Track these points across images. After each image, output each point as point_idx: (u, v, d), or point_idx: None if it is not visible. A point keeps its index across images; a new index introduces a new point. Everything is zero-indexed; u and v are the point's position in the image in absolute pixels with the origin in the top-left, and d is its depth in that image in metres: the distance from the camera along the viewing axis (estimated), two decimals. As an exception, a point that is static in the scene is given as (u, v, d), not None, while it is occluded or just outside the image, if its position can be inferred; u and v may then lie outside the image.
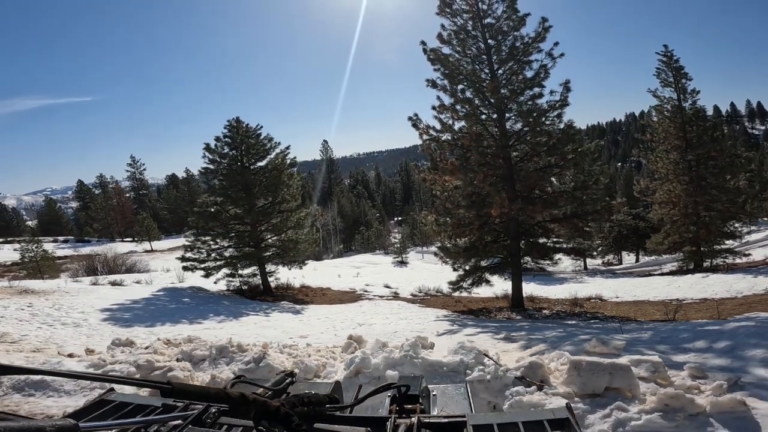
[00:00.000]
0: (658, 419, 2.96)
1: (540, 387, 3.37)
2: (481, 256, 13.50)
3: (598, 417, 3.07)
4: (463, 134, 13.16)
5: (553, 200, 12.56)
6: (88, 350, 6.07)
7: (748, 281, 15.81)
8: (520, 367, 3.61)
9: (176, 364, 4.13)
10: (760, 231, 35.21)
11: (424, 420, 1.17)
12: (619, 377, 3.25)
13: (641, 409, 3.06)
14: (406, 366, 3.85)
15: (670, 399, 3.02)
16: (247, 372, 3.93)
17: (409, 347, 4.08)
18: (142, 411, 1.22)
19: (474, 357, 3.88)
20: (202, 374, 4.19)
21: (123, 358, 4.95)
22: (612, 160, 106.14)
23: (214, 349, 4.79)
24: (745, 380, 3.80)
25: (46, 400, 4.65)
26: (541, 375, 3.57)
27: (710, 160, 22.72)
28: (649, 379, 3.41)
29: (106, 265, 29.17)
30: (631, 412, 3.03)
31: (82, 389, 4.78)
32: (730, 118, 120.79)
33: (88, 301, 13.21)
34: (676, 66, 23.87)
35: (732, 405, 3.02)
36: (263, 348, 4.62)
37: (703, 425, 3.00)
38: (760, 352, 4.82)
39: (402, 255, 37.27)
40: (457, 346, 4.11)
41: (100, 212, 63.13)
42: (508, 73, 13.57)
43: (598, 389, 3.25)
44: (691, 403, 3.04)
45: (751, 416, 2.94)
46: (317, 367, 4.13)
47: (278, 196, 18.56)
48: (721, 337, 5.36)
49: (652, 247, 25.62)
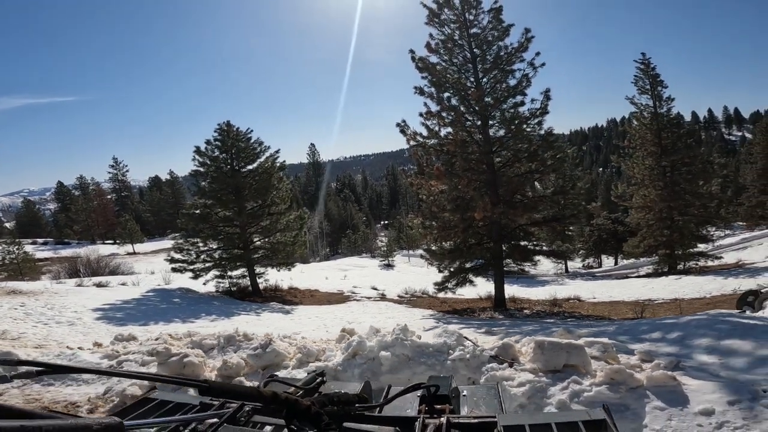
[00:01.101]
0: (605, 391, 3.53)
1: (511, 364, 3.93)
2: (465, 258, 14.05)
3: (558, 389, 3.65)
4: (449, 140, 13.67)
5: (533, 204, 13.18)
6: (96, 344, 6.41)
7: (718, 282, 16.65)
8: (494, 347, 4.17)
9: (190, 351, 4.52)
10: (734, 235, 36.50)
11: (454, 420, 1.17)
12: (574, 355, 3.84)
13: (592, 382, 3.63)
14: (397, 347, 4.34)
15: (614, 374, 3.59)
16: (255, 357, 4.37)
17: (399, 331, 4.58)
18: (182, 409, 1.27)
19: (456, 339, 4.42)
20: (212, 361, 4.60)
21: (135, 349, 5.30)
22: (594, 165, 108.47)
23: (222, 339, 5.22)
24: (685, 364, 4.39)
25: (66, 389, 4.88)
26: (512, 354, 4.13)
27: (684, 166, 23.69)
28: (600, 358, 3.99)
29: (89, 267, 28.89)
30: (584, 385, 3.62)
31: (99, 378, 5.10)
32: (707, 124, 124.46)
33: (78, 302, 13.35)
34: (653, 74, 24.87)
35: (664, 380, 3.59)
36: (267, 336, 5.06)
37: (641, 396, 3.56)
38: (705, 341, 5.44)
39: (389, 258, 37.76)
40: (441, 331, 4.66)
41: (81, 214, 62.00)
42: (492, 82, 14.16)
43: (558, 366, 3.83)
44: (631, 378, 3.59)
45: (681, 390, 3.55)
46: (318, 352, 4.60)
47: (268, 199, 18.88)
48: (675, 329, 5.96)
49: (629, 250, 26.56)
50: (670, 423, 3.30)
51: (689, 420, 3.27)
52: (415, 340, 4.45)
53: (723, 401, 3.40)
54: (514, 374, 3.79)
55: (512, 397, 3.64)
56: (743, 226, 38.94)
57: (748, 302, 10.20)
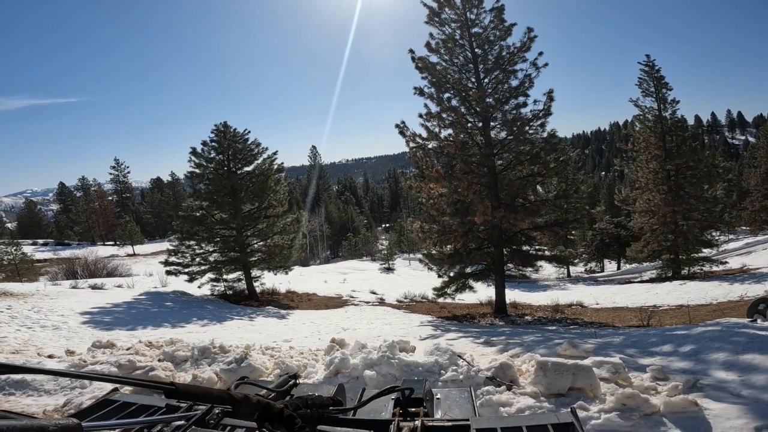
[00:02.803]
0: (615, 418, 3.12)
1: (509, 387, 3.54)
2: (465, 263, 13.71)
3: None
4: (449, 142, 13.36)
5: (535, 208, 12.83)
6: (69, 351, 6.08)
7: (723, 288, 16.27)
8: (491, 368, 3.77)
9: (158, 364, 4.17)
10: (738, 240, 36.09)
11: (428, 423, 1.17)
12: (581, 377, 3.43)
13: (601, 408, 3.22)
14: (383, 366, 3.97)
15: (626, 399, 3.18)
16: (229, 372, 4.01)
17: (386, 348, 4.21)
18: (146, 411, 1.22)
19: (448, 358, 4.04)
20: (183, 374, 4.25)
21: (104, 359, 4.97)
22: (596, 169, 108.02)
23: (196, 350, 4.86)
24: (704, 382, 4.01)
25: (26, 399, 4.66)
26: (511, 375, 3.74)
27: (688, 170, 23.31)
28: (610, 380, 3.59)
29: (87, 268, 28.66)
30: (591, 411, 3.20)
31: (62, 389, 4.80)
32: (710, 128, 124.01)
33: (68, 304, 13.04)
34: (657, 76, 24.50)
35: (684, 405, 3.18)
36: (245, 350, 4.70)
37: (656, 424, 3.14)
38: (722, 355, 5.06)
39: (389, 261, 37.40)
40: (432, 348, 4.26)
41: (82, 215, 61.99)
42: (493, 82, 13.83)
43: (563, 389, 3.42)
44: (646, 403, 3.19)
45: (703, 416, 3.11)
46: (298, 368, 4.22)
47: (265, 201, 18.56)
48: (687, 341, 5.59)
49: (632, 255, 26.14)
50: None
51: None
52: (403, 358, 4.08)
53: (749, 427, 3.01)
54: (512, 399, 3.40)
55: None
56: (747, 230, 38.65)
57: (759, 310, 9.77)
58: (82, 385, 4.87)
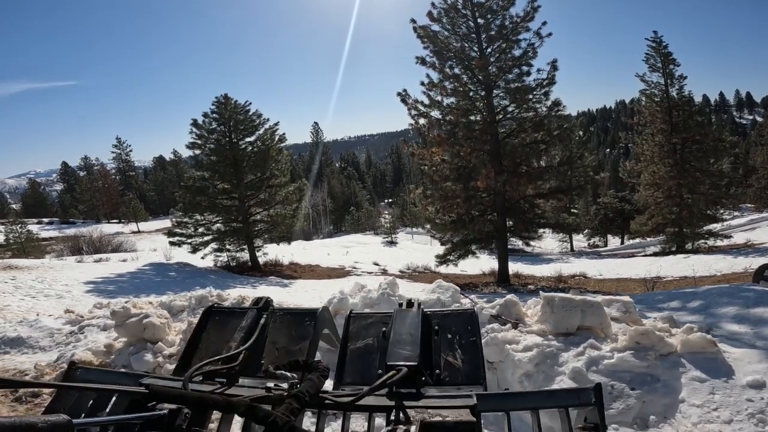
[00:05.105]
0: (630, 357, 2.97)
1: (515, 325, 3.44)
2: (468, 230, 13.66)
3: (572, 355, 3.10)
4: (451, 109, 13.25)
5: (538, 174, 12.74)
6: (68, 310, 6.07)
7: (727, 261, 16.19)
8: (496, 305, 3.65)
9: (153, 310, 4.11)
10: (743, 216, 35.92)
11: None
12: (590, 315, 3.25)
13: (613, 347, 3.07)
14: (383, 305, 3.88)
15: (640, 336, 3.02)
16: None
17: (386, 285, 4.13)
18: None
19: (451, 295, 3.94)
20: (180, 324, 4.21)
21: (101, 314, 4.96)
22: (601, 146, 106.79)
23: (193, 299, 4.82)
24: (716, 333, 3.91)
25: (21, 356, 4.69)
26: (516, 313, 3.62)
27: (694, 144, 23.03)
28: (621, 320, 3.47)
29: (92, 245, 28.85)
30: (603, 351, 3.06)
31: (57, 345, 4.81)
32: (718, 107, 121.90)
33: (72, 275, 13.11)
34: (665, 52, 24.05)
35: (703, 344, 3.03)
36: (240, 297, 4.65)
37: (674, 365, 2.99)
38: (732, 309, 4.96)
39: (392, 235, 37.47)
40: (434, 286, 4.17)
41: (86, 194, 62.15)
42: (496, 52, 13.70)
43: (571, 327, 3.28)
44: (662, 342, 3.03)
45: (723, 359, 2.99)
46: None
47: (267, 171, 18.48)
48: (695, 297, 5.50)
49: (636, 228, 26.01)
50: (713, 398, 2.73)
51: (737, 394, 2.72)
52: (403, 294, 4.00)
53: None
54: (518, 336, 3.26)
55: (517, 364, 3.14)
56: (751, 208, 38.64)
57: (765, 276, 9.73)
58: (77, 340, 4.85)
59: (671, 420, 2.74)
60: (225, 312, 1.59)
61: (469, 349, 1.38)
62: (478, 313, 3.69)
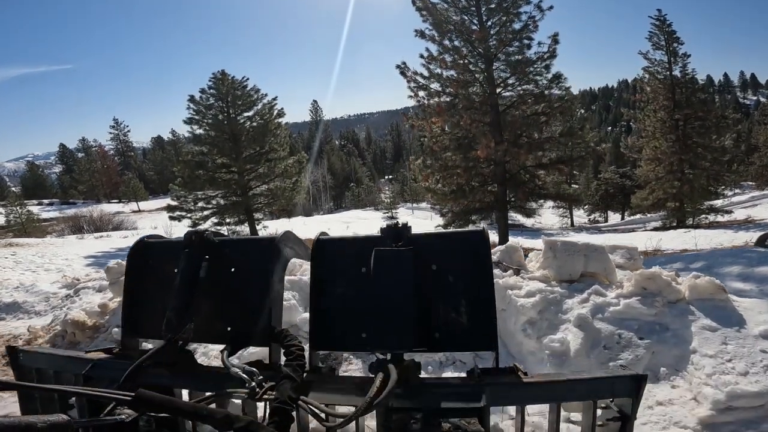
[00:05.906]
0: (636, 304, 2.86)
1: (516, 271, 3.38)
2: (468, 200, 13.66)
3: (576, 301, 3.03)
4: (451, 81, 13.13)
5: (538, 145, 12.70)
6: (64, 276, 6.10)
7: (728, 235, 16.16)
8: (497, 251, 3.59)
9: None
10: (744, 194, 35.92)
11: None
12: (594, 260, 3.21)
13: (619, 293, 2.99)
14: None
15: (647, 281, 2.93)
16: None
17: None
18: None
19: None
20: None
21: (97, 276, 4.99)
22: (603, 124, 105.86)
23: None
24: (722, 291, 3.88)
25: (16, 322, 4.73)
26: (518, 260, 3.55)
27: (697, 120, 22.79)
28: (625, 267, 3.41)
29: (93, 224, 28.88)
30: (609, 297, 2.99)
31: (52, 309, 4.82)
32: (722, 87, 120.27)
33: (72, 250, 13.13)
34: (668, 30, 23.57)
35: (712, 290, 2.92)
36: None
37: (683, 313, 2.88)
38: (736, 268, 4.95)
39: (392, 210, 37.54)
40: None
41: (85, 174, 61.96)
42: (496, 25, 13.56)
43: (575, 274, 3.21)
44: (669, 287, 2.92)
45: (733, 307, 2.89)
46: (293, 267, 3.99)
47: (266, 145, 18.39)
48: (698, 258, 5.51)
49: (636, 202, 25.97)
50: (726, 348, 2.60)
51: (750, 344, 2.58)
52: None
53: (787, 321, 2.82)
54: (520, 282, 3.20)
55: (519, 310, 3.04)
56: (752, 185, 38.79)
57: (766, 245, 9.76)
58: (72, 302, 4.85)
59: (683, 372, 2.61)
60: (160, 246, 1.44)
61: (478, 296, 1.13)
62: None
